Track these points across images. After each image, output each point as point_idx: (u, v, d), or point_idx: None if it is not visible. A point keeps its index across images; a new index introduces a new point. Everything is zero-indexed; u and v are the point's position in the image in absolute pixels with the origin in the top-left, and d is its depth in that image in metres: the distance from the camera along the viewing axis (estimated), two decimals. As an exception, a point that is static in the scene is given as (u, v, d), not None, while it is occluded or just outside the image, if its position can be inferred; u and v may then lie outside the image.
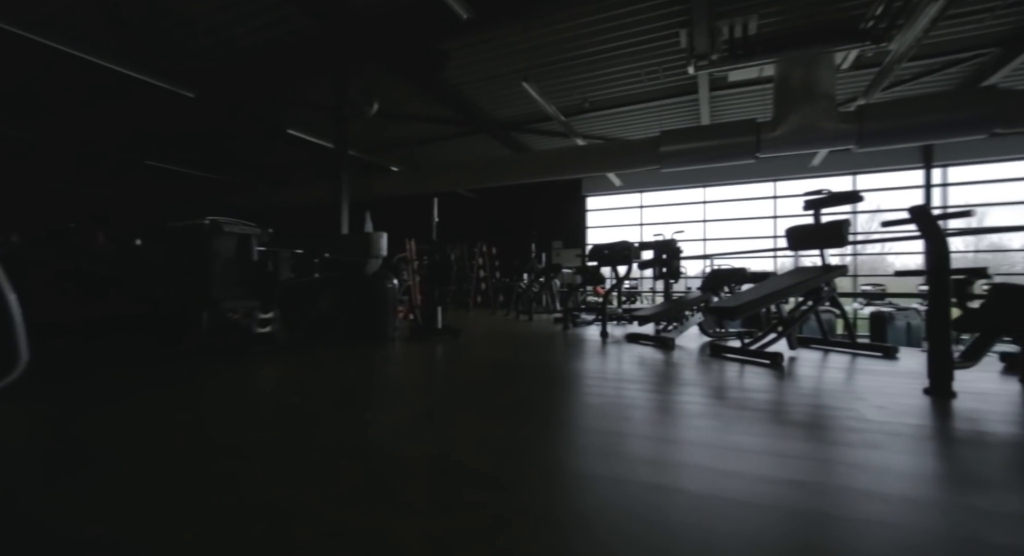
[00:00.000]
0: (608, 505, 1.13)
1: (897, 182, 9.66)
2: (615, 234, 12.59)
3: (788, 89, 6.02)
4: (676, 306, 4.24)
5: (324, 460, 1.43)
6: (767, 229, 10.83)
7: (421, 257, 5.87)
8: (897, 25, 5.03)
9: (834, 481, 1.27)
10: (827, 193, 3.59)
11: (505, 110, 8.44)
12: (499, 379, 2.68)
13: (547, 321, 6.84)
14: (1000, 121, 5.25)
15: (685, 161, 6.77)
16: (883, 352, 3.40)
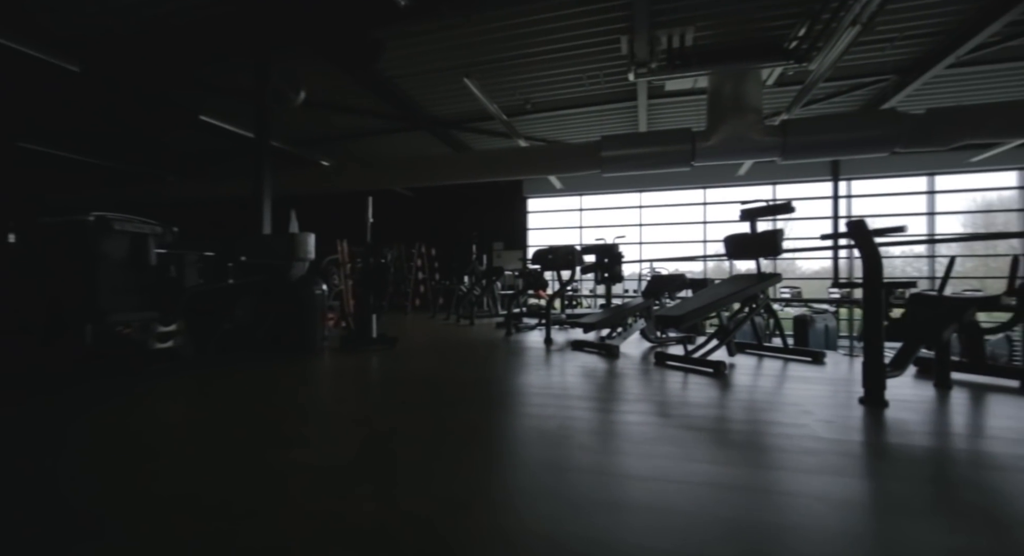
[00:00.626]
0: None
1: (809, 193, 10.50)
2: (556, 236, 12.68)
3: (720, 101, 6.27)
4: (620, 313, 4.22)
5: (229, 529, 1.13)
6: (697, 234, 11.37)
7: (354, 260, 5.46)
8: (817, 47, 5.37)
9: (814, 521, 1.19)
10: (763, 203, 3.70)
11: (445, 107, 8.14)
12: (439, 400, 2.45)
13: (489, 326, 6.66)
14: (900, 141, 5.78)
15: (625, 166, 6.86)
16: (812, 357, 3.55)
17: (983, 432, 1.91)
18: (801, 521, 1.17)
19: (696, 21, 5.52)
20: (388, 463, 1.57)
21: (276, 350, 4.00)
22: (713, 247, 11.36)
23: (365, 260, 4.72)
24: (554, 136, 9.54)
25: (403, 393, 2.60)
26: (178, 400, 2.49)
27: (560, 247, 5.17)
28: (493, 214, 12.52)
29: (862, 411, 2.20)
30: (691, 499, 1.28)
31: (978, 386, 2.64)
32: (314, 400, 2.52)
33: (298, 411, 2.25)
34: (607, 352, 3.95)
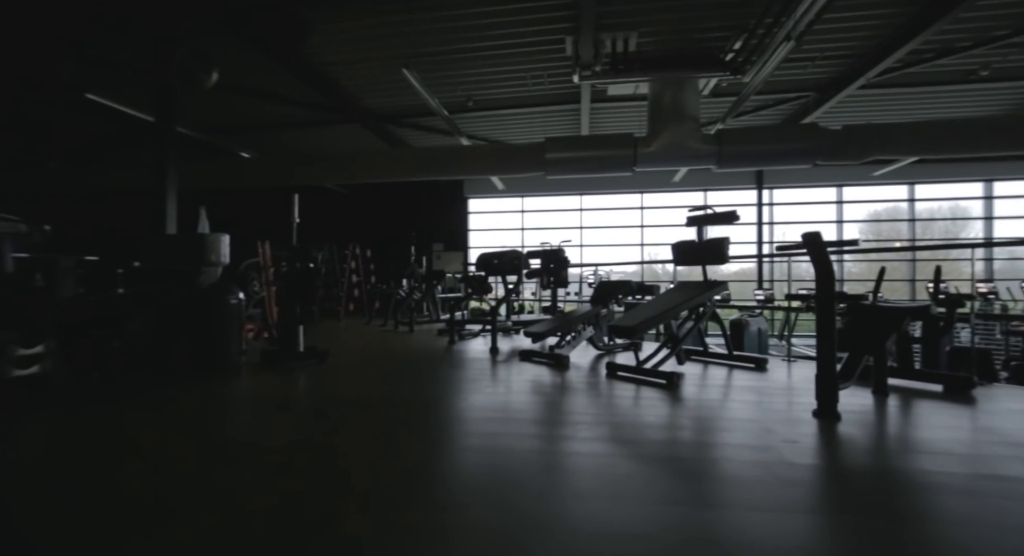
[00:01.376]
0: None
1: (736, 200, 11.11)
2: (497, 238, 12.49)
3: (660, 108, 6.37)
4: (568, 320, 4.08)
5: None
6: (635, 237, 11.66)
7: (278, 264, 4.91)
8: (751, 61, 5.58)
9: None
10: (709, 211, 3.71)
11: (382, 99, 7.66)
12: (372, 434, 2.13)
13: (430, 333, 6.31)
14: (821, 153, 6.17)
15: (570, 169, 6.80)
16: (755, 364, 3.60)
17: (941, 447, 1.92)
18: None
19: (640, 27, 5.54)
20: (310, 538, 1.25)
21: (180, 371, 3.44)
22: (650, 251, 11.72)
23: (291, 264, 4.23)
24: (497, 136, 9.34)
25: (330, 424, 2.25)
26: (10, 447, 1.98)
27: (506, 252, 4.96)
28: (433, 214, 12.09)
29: (818, 426, 2.18)
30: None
31: (909, 391, 2.74)
32: (223, 441, 2.10)
33: (199, 455, 1.85)
34: (556, 363, 3.79)
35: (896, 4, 5.05)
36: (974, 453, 1.82)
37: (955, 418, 2.31)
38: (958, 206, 11.17)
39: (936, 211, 11.06)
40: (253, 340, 4.75)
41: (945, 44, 5.78)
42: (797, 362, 3.78)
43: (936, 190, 10.45)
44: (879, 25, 5.42)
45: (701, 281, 3.67)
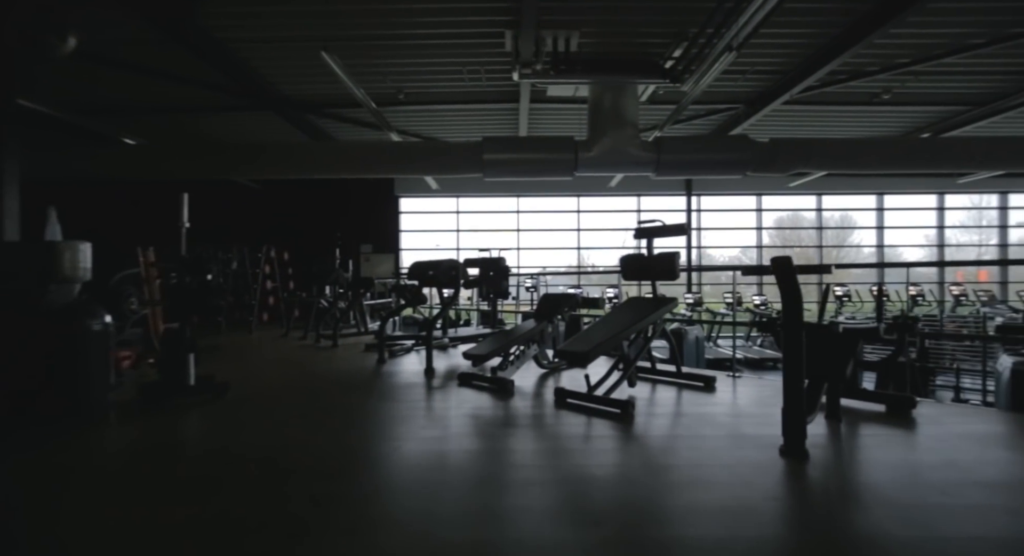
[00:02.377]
0: None
1: (667, 205, 11.45)
2: (431, 239, 11.92)
3: (601, 112, 6.22)
4: (511, 339, 3.74)
5: None
6: (572, 241, 11.64)
7: (164, 275, 4.10)
8: (691, 70, 5.57)
9: None
10: (659, 223, 3.53)
11: (300, 85, 6.86)
12: (274, 518, 1.64)
13: (356, 348, 5.69)
14: (752, 165, 6.36)
15: (509, 171, 6.47)
16: (703, 382, 3.48)
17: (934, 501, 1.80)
18: None
19: (582, 26, 5.32)
20: None
21: (18, 421, 2.65)
22: (586, 255, 11.77)
23: (180, 277, 3.49)
24: (432, 132, 8.81)
25: (205, 515, 1.70)
26: None
27: (442, 262, 4.52)
28: (361, 214, 11.25)
29: (787, 466, 2.01)
30: None
31: (858, 414, 2.70)
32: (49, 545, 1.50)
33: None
34: (499, 388, 3.43)
35: (820, 25, 5.25)
36: (966, 504, 1.71)
37: (915, 450, 2.26)
38: (847, 215, 12.33)
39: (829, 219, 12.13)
40: (131, 369, 3.91)
41: (857, 67, 6.16)
42: (742, 377, 3.72)
43: (838, 201, 11.43)
44: (805, 44, 5.63)
45: (651, 297, 3.49)
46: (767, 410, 2.84)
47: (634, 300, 3.56)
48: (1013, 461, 2.10)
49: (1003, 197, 11.19)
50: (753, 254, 11.82)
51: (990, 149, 6.72)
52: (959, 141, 7.20)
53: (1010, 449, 2.25)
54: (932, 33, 5.38)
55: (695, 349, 5.98)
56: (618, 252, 13.06)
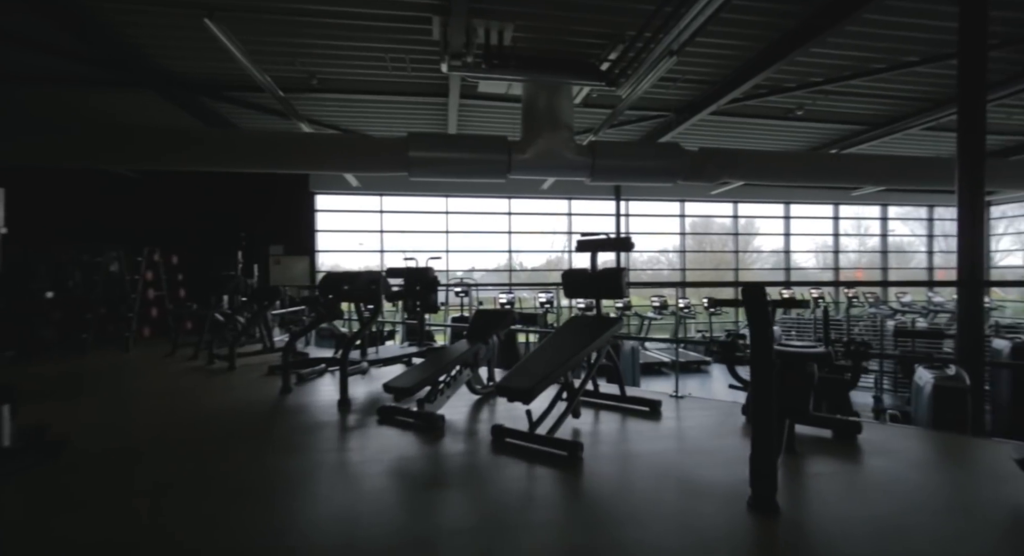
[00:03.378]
0: None
1: (597, 209, 11.51)
2: (352, 240, 11.00)
3: (535, 112, 5.93)
4: (440, 365, 3.27)
5: None
6: (503, 243, 11.31)
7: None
8: (627, 74, 5.42)
9: None
10: (603, 236, 3.25)
11: (187, 61, 5.84)
12: None
13: (258, 370, 4.89)
14: (683, 173, 6.40)
15: (437, 171, 5.97)
16: (649, 407, 3.26)
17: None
18: None
19: (516, 19, 4.96)
20: None
21: None
22: (518, 258, 11.51)
23: None
24: (352, 125, 8.03)
25: None
26: None
27: (361, 274, 3.94)
28: (270, 211, 10.07)
29: (757, 524, 1.77)
30: None
31: (809, 443, 2.58)
32: None
33: None
34: (427, 425, 2.96)
35: (750, 38, 5.33)
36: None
37: (893, 497, 2.14)
38: (751, 222, 13.20)
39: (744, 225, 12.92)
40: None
41: (777, 83, 6.41)
42: (686, 399, 3.56)
43: (752, 208, 12.18)
44: (734, 56, 5.71)
45: (595, 317, 3.20)
46: (721, 444, 2.65)
47: (577, 321, 3.25)
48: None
49: (884, 209, 12.59)
50: (672, 258, 12.26)
51: (881, 166, 7.35)
52: (858, 158, 7.80)
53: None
54: (843, 54, 5.69)
55: (631, 359, 5.88)
56: (549, 255, 12.98)
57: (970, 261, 3.91)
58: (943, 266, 13.16)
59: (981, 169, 3.98)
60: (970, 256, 3.92)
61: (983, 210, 3.99)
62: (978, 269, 3.93)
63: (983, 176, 3.97)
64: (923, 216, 13.05)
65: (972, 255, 3.92)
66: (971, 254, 3.93)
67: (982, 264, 3.97)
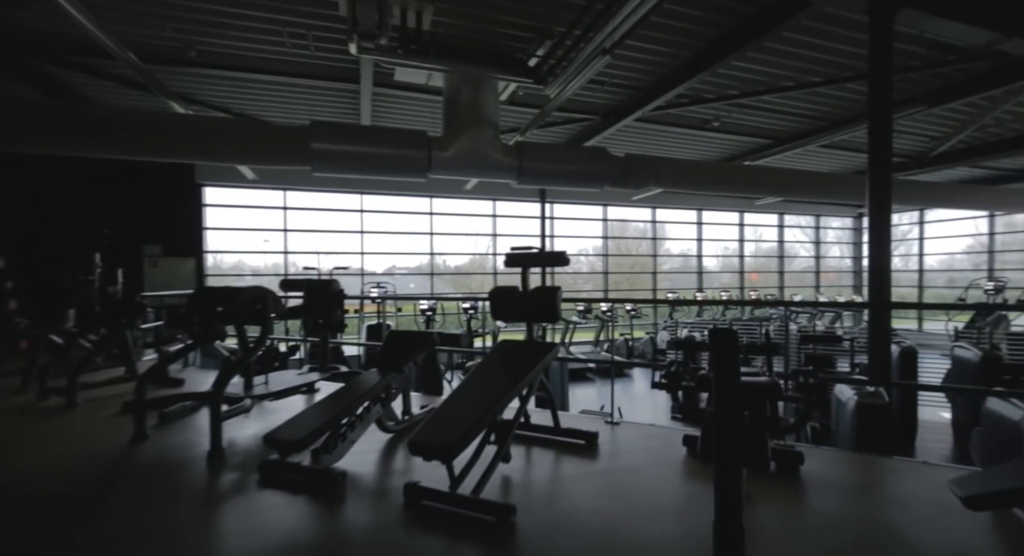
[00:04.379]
0: None
1: (522, 212, 11.26)
2: (250, 240, 9.73)
3: (458, 107, 5.45)
4: (343, 407, 2.68)
5: None
6: (424, 245, 10.66)
7: None
8: (555, 73, 5.12)
9: None
10: (534, 250, 2.86)
11: (17, 12, 4.58)
12: None
13: (110, 405, 3.89)
14: (610, 178, 6.26)
15: (347, 166, 5.26)
16: (585, 440, 2.94)
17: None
18: None
19: (437, 1, 4.44)
20: None
21: None
22: (440, 261, 10.91)
23: None
24: (245, 109, 6.97)
25: None
26: None
27: (243, 290, 3.20)
28: (144, 204, 8.52)
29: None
30: None
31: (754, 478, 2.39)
32: None
33: None
34: (322, 486, 2.37)
35: (677, 46, 5.27)
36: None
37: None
38: (662, 226, 13.75)
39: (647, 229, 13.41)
40: None
41: (698, 93, 6.50)
42: (621, 425, 3.30)
43: (669, 214, 12.66)
44: (661, 63, 5.64)
45: (527, 343, 2.81)
46: (669, 489, 2.37)
47: (507, 347, 2.83)
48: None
49: (780, 217, 13.74)
50: (594, 261, 12.40)
51: (787, 179, 7.82)
52: (767, 170, 8.24)
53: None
54: (759, 70, 5.86)
55: (559, 368, 5.59)
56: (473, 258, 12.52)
57: (879, 282, 4.06)
58: (827, 270, 14.71)
59: (888, 187, 4.17)
60: (879, 278, 4.06)
61: (890, 228, 4.19)
62: (887, 291, 4.11)
63: (890, 193, 4.17)
64: (811, 224, 14.45)
65: (881, 278, 4.06)
66: (880, 277, 4.06)
67: (889, 284, 4.17)
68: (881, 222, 4.12)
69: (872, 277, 4.11)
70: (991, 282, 10.85)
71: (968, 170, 10.16)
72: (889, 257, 4.14)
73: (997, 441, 3.23)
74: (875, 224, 4.15)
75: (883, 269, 4.05)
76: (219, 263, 10.04)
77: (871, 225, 4.17)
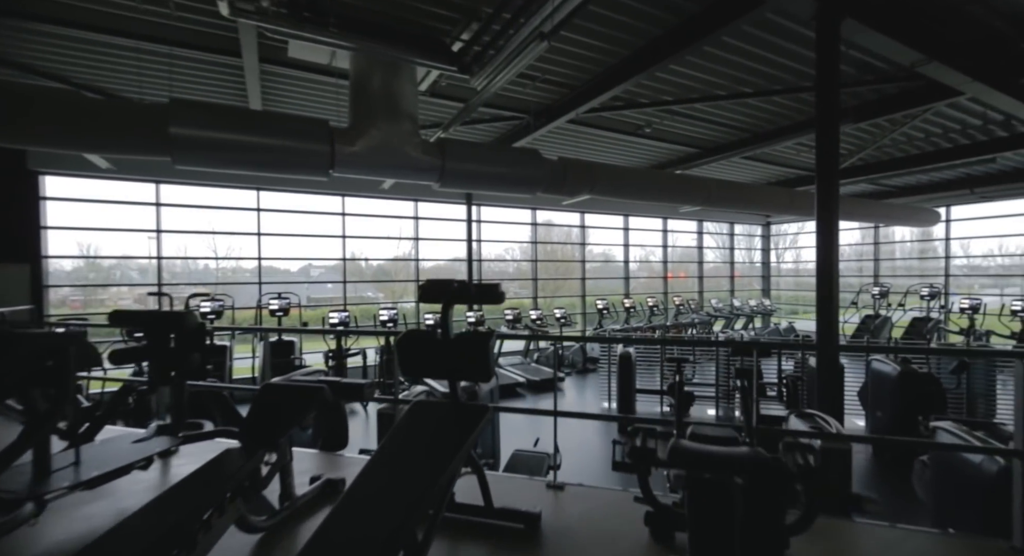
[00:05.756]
0: None
1: (446, 214, 10.47)
2: (113, 243, 7.98)
3: (367, 94, 4.60)
4: (174, 516, 1.80)
5: None
6: (335, 250, 9.49)
7: None
8: (481, 62, 4.45)
9: None
10: (455, 283, 2.17)
11: None
12: None
13: None
14: (543, 184, 5.72)
15: (221, 158, 4.19)
16: (524, 522, 2.31)
17: None
18: None
19: (338, -42, 3.58)
20: None
21: None
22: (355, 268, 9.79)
23: None
24: (94, 80, 5.51)
25: None
26: None
27: (24, 338, 2.16)
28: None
29: None
30: None
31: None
32: None
33: None
34: None
35: (616, 42, 4.83)
36: None
37: None
38: (595, 232, 13.73)
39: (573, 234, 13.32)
40: None
41: (633, 96, 6.17)
42: (566, 491, 2.72)
43: (598, 219, 12.53)
44: (598, 59, 5.18)
45: (451, 406, 2.11)
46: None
47: (423, 412, 2.11)
48: None
49: (700, 224, 14.24)
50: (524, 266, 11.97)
51: (717, 188, 7.83)
52: (696, 179, 8.20)
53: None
54: (694, 76, 5.62)
55: (490, 437, 4.84)
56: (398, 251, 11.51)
57: (827, 324, 3.91)
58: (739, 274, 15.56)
59: (836, 197, 4.02)
60: (827, 318, 3.91)
61: (837, 235, 4.04)
62: (834, 327, 3.97)
63: (837, 203, 4.02)
64: (726, 231, 15.18)
65: (829, 317, 3.91)
66: (828, 318, 3.92)
67: (838, 321, 4.03)
68: (830, 235, 3.97)
69: (821, 283, 3.96)
70: (876, 288, 12.01)
71: (864, 185, 11.04)
72: (837, 269, 4.00)
73: (947, 472, 3.09)
74: (824, 238, 4.00)
75: (831, 277, 3.90)
76: (59, 272, 8.16)
77: (820, 242, 4.01)
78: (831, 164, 4.00)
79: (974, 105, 6.46)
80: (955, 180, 10.27)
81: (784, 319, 14.13)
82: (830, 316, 3.94)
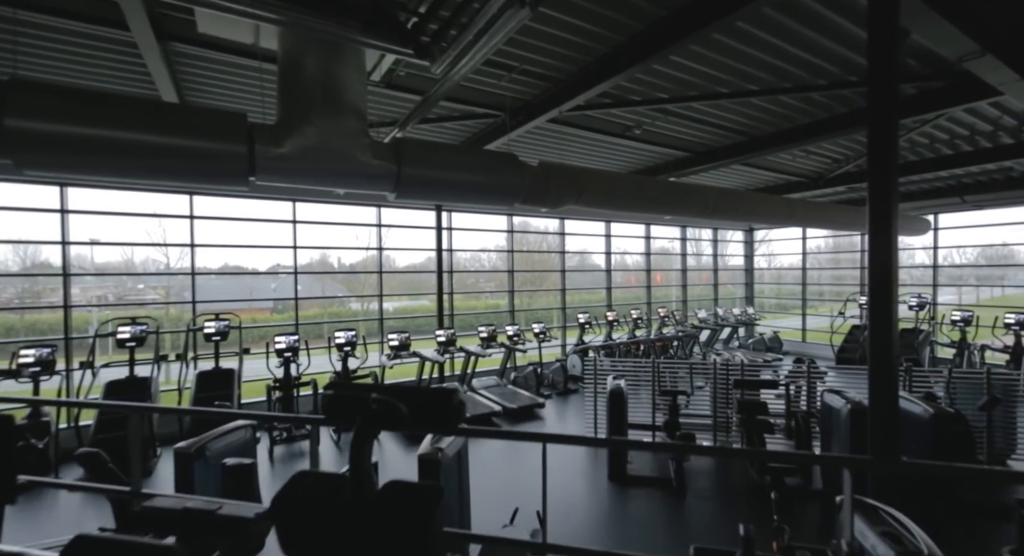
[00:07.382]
0: None
1: (414, 220, 9.51)
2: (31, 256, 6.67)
3: (300, 82, 3.62)
4: None
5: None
6: (288, 260, 8.38)
7: None
8: (443, 43, 3.53)
9: None
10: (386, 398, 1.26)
11: None
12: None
13: None
14: (522, 194, 4.84)
15: (89, 163, 3.13)
16: None
17: None
18: None
19: None
20: None
21: None
22: (306, 282, 8.70)
23: None
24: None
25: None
26: None
27: None
28: None
29: None
30: None
31: None
32: None
33: None
34: None
35: (611, 25, 3.98)
36: None
37: None
38: (575, 239, 12.96)
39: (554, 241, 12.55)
40: None
41: (625, 93, 5.36)
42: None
43: (579, 226, 11.75)
44: (587, 47, 4.33)
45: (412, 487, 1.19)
46: None
47: None
48: None
49: (683, 230, 13.64)
50: (502, 276, 11.10)
51: (709, 198, 7.10)
52: (693, 187, 7.44)
53: None
54: (695, 70, 4.85)
55: (455, 480, 4.06)
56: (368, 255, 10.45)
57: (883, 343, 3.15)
58: (723, 282, 15.08)
59: (893, 205, 3.29)
60: (883, 353, 3.15)
61: (896, 251, 3.30)
62: (893, 363, 3.22)
63: (895, 211, 3.29)
64: (710, 238, 14.65)
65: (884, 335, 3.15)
66: (885, 356, 3.15)
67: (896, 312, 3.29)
68: (888, 252, 3.23)
69: (873, 286, 3.22)
70: (863, 297, 11.62)
71: (846, 193, 10.58)
72: (896, 290, 3.27)
73: None
74: (878, 254, 3.27)
75: (889, 300, 3.16)
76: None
77: (874, 258, 3.27)
78: (888, 167, 3.26)
79: (992, 109, 5.92)
80: (946, 188, 9.91)
81: (768, 327, 13.67)
82: (888, 351, 3.19)
